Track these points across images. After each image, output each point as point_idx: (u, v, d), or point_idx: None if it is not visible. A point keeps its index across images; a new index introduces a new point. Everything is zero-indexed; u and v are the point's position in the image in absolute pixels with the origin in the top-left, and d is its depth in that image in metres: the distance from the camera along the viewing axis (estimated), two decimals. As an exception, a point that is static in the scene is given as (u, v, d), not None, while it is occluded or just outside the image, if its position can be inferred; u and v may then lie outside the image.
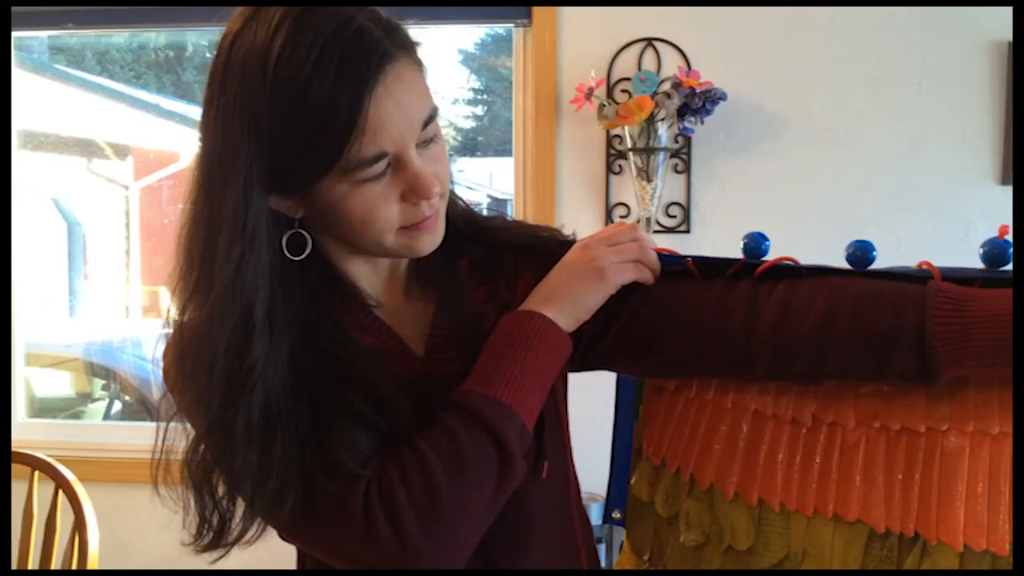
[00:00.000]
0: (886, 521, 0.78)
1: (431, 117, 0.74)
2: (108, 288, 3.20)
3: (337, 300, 0.81)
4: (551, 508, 0.87)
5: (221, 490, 0.74)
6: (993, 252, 0.74)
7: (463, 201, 0.89)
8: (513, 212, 2.16)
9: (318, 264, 0.79)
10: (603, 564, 1.83)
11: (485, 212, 0.92)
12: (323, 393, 0.73)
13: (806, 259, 0.82)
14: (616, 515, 0.98)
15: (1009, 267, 0.74)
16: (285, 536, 0.77)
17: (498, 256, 0.87)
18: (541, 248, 0.88)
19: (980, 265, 0.76)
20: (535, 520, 0.84)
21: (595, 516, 1.79)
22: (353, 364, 0.75)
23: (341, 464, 0.71)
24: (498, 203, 3.21)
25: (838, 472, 0.81)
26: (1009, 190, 1.93)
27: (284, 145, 0.69)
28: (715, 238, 2.04)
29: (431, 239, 0.78)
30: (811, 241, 1.98)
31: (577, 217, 2.08)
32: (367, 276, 0.83)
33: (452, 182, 0.82)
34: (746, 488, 0.86)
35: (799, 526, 0.83)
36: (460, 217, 0.86)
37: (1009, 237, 0.74)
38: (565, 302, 0.80)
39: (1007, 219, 2.00)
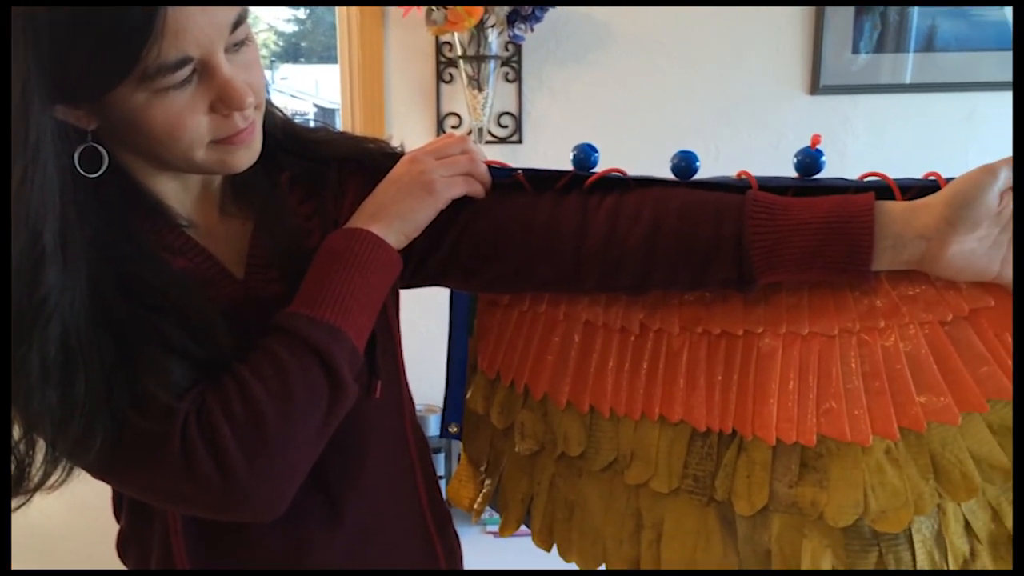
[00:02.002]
0: (707, 421, 0.82)
1: (241, 19, 0.68)
2: None
3: (142, 221, 0.73)
4: (385, 428, 0.85)
5: (17, 433, 0.67)
6: (806, 161, 0.77)
7: (281, 112, 0.82)
8: (341, 122, 2.07)
9: (118, 181, 0.71)
10: (442, 474, 1.86)
11: (312, 123, 0.87)
12: (130, 322, 0.67)
13: (634, 170, 0.83)
14: (452, 429, 0.98)
15: (819, 175, 0.78)
16: (97, 476, 0.71)
17: (322, 170, 0.83)
18: (368, 161, 0.84)
19: (793, 173, 0.79)
20: (369, 441, 0.83)
21: (435, 428, 1.80)
22: (163, 289, 0.69)
23: (153, 398, 0.65)
24: (325, 113, 3.08)
25: (664, 376, 0.84)
26: (818, 100, 2.04)
27: (69, 48, 0.61)
28: (547, 149, 2.05)
29: (247, 154, 0.73)
30: (639, 151, 2.03)
31: (408, 127, 2.02)
32: (176, 194, 0.76)
33: (268, 91, 0.75)
34: (578, 396, 0.88)
35: (628, 430, 0.86)
36: (278, 129, 0.80)
37: (821, 147, 0.77)
38: (393, 218, 0.77)
39: (816, 128, 2.11)
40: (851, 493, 0.76)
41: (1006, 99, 2.05)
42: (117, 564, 0.88)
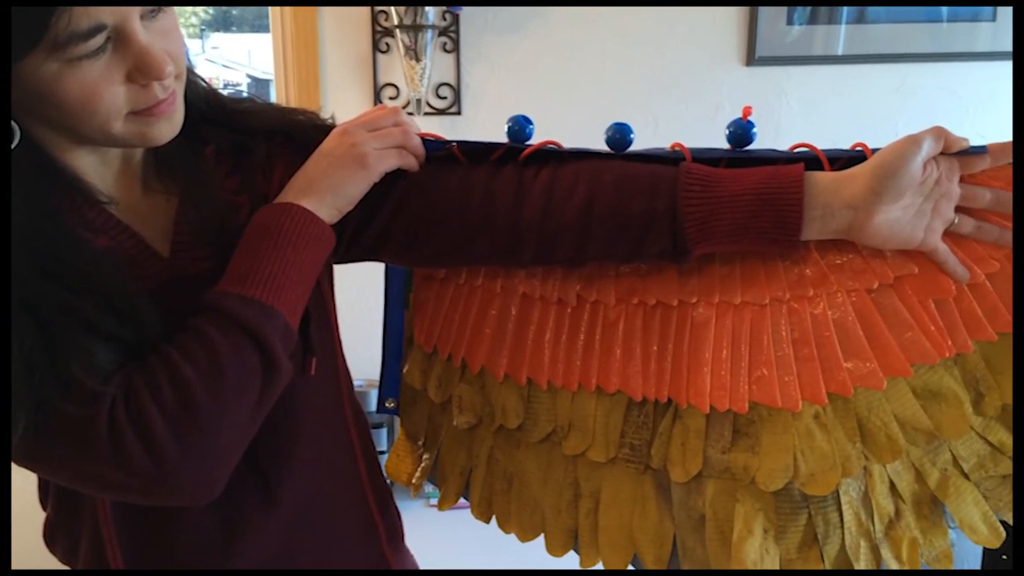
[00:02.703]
0: (643, 390, 0.83)
1: None
2: None
3: (60, 198, 0.70)
4: (322, 405, 0.84)
5: None
6: (738, 133, 0.78)
7: (204, 81, 0.79)
8: (275, 94, 2.02)
9: (32, 157, 0.68)
10: (384, 449, 1.85)
11: (246, 93, 0.84)
12: (50, 304, 0.64)
13: (574, 141, 0.82)
14: (389, 404, 0.97)
15: (751, 146, 0.79)
16: (22, 464, 0.69)
17: (249, 142, 0.80)
18: (297, 133, 0.81)
19: (726, 145, 0.79)
20: (305, 420, 0.82)
21: (375, 403, 1.79)
22: (84, 269, 0.67)
23: (78, 382, 0.63)
24: (258, 83, 2.99)
25: (600, 347, 0.85)
26: (753, 71, 2.07)
27: None
28: (487, 120, 2.03)
29: (168, 126, 0.70)
30: (579, 122, 2.03)
31: (344, 98, 1.98)
32: (95, 169, 0.73)
33: (189, 59, 0.73)
34: (515, 369, 0.88)
35: (565, 401, 0.87)
36: (202, 100, 0.78)
37: (752, 118, 0.77)
38: (325, 192, 0.75)
39: (751, 99, 2.13)
40: (782, 458, 0.78)
41: (934, 70, 2.10)
42: (44, 553, 0.85)
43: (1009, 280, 0.73)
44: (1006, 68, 2.12)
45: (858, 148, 0.74)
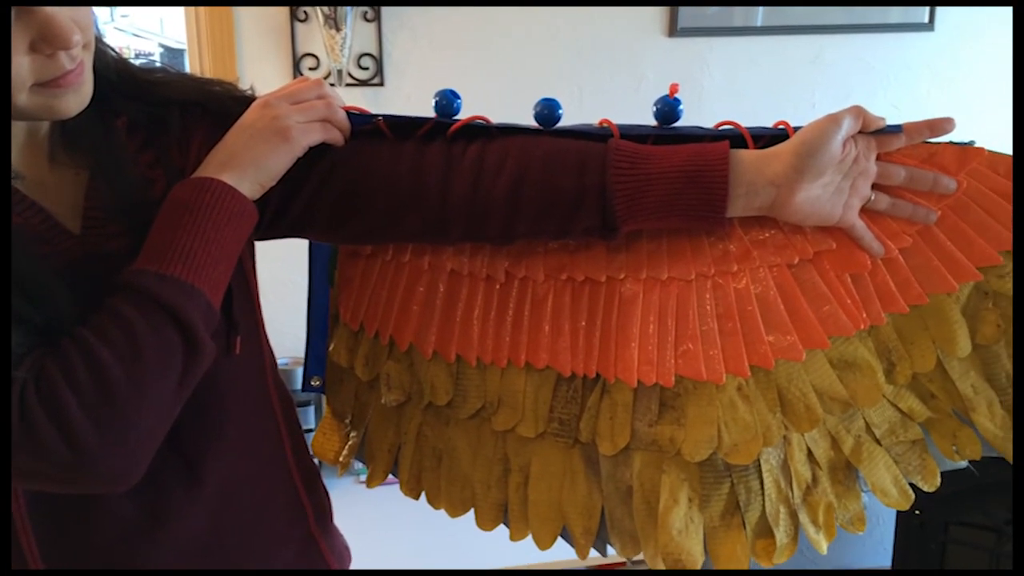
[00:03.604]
0: (572, 366, 0.83)
1: None
2: None
3: None
4: (246, 385, 0.82)
5: None
6: (664, 110, 0.79)
7: (114, 51, 0.75)
8: (189, 64, 1.94)
9: None
10: (312, 427, 1.82)
11: (158, 63, 0.80)
12: None
13: (500, 114, 0.81)
14: (315, 382, 0.95)
15: (677, 124, 0.79)
16: None
17: (163, 114, 0.77)
18: (214, 105, 0.78)
19: (653, 120, 0.80)
20: (229, 400, 0.80)
21: (300, 382, 1.76)
22: None
23: None
24: (172, 53, 2.88)
25: (529, 323, 0.85)
26: (676, 42, 2.09)
27: None
28: (411, 91, 2.00)
29: (76, 98, 0.66)
30: (503, 94, 2.02)
31: (262, 69, 1.92)
32: (-2, 142, 0.69)
33: (98, 28, 0.69)
34: (444, 346, 0.88)
35: (494, 377, 0.87)
36: (111, 70, 0.74)
37: (679, 95, 0.78)
38: (247, 166, 0.72)
39: (675, 70, 2.15)
40: (706, 429, 0.80)
41: (849, 42, 2.16)
42: None
43: (921, 254, 0.76)
44: (918, 39, 2.19)
45: (780, 126, 0.76)
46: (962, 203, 0.75)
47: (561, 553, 0.87)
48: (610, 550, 0.88)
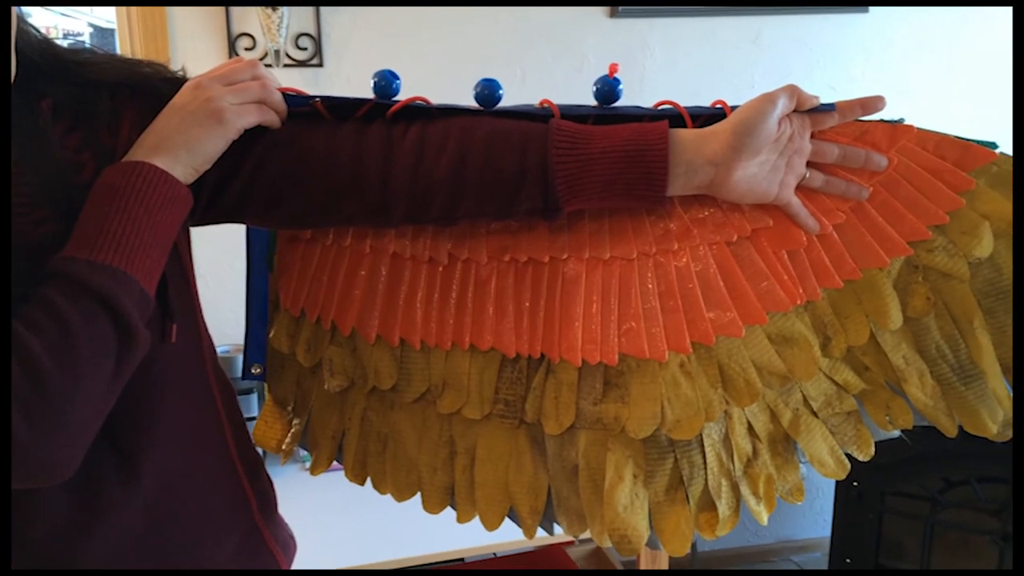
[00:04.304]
0: (516, 347, 0.84)
1: None
2: None
3: None
4: (184, 374, 0.81)
5: None
6: (604, 90, 0.79)
7: (37, 31, 0.73)
8: (119, 44, 1.88)
9: None
10: (255, 414, 1.80)
11: (88, 44, 0.77)
12: None
13: (438, 97, 0.81)
14: (256, 370, 0.94)
15: (618, 104, 0.80)
16: None
17: (90, 96, 0.74)
18: (144, 87, 0.76)
19: (594, 101, 0.80)
20: (166, 389, 0.78)
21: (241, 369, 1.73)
22: None
23: None
24: (102, 33, 2.79)
25: (473, 305, 0.85)
26: (617, 22, 2.10)
27: None
28: (351, 73, 1.97)
29: None
30: (445, 75, 2.00)
31: (195, 50, 1.87)
32: (-89, 126, 0.66)
33: (19, 7, 0.66)
34: (387, 330, 0.87)
35: (439, 360, 0.87)
36: (35, 51, 0.71)
37: (619, 75, 0.78)
38: (179, 149, 0.71)
39: (616, 51, 2.16)
40: (650, 406, 0.81)
41: (788, 22, 2.20)
42: None
43: (854, 230, 0.78)
44: (853, 20, 2.24)
45: (718, 106, 0.76)
46: (892, 179, 0.77)
47: (508, 534, 0.88)
48: (557, 529, 0.89)
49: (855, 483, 1.92)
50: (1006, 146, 0.74)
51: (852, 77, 2.30)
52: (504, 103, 0.79)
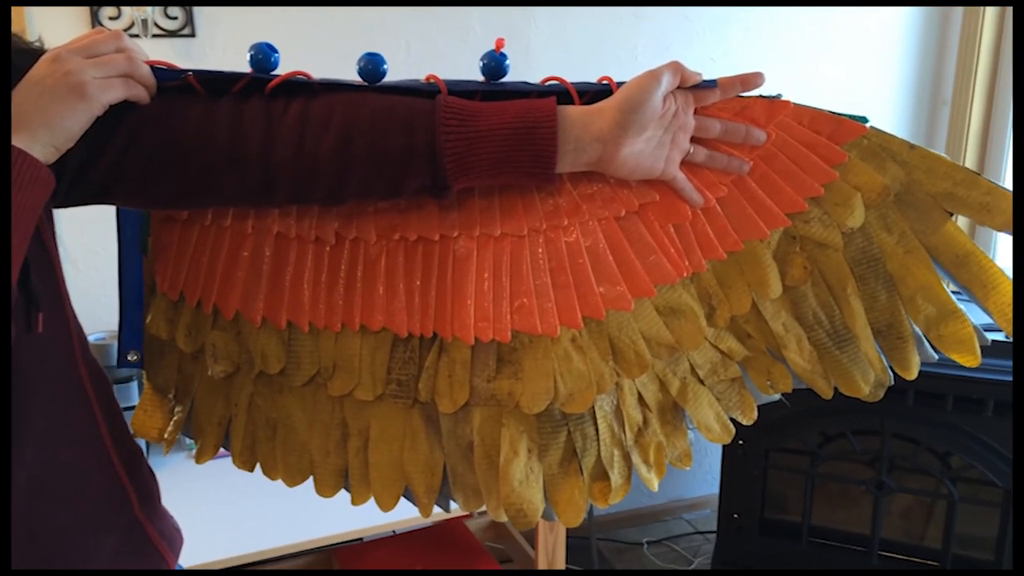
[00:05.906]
0: (408, 326, 0.83)
1: None
2: None
3: None
4: (52, 365, 0.76)
5: None
6: (491, 66, 0.78)
7: None
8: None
9: None
10: (135, 403, 1.72)
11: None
12: None
13: (319, 71, 0.78)
14: (132, 357, 0.89)
15: (505, 79, 0.79)
16: None
17: None
18: (-5, 58, 0.70)
19: (481, 77, 0.79)
20: (35, 383, 0.73)
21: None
22: None
23: None
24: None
25: (363, 285, 0.83)
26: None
27: None
28: (226, 43, 1.88)
29: None
30: (324, 50, 1.94)
31: (52, 19, 1.75)
32: None
33: None
34: (274, 312, 0.84)
35: (328, 342, 0.85)
36: None
37: (505, 51, 0.77)
38: (38, 127, 0.66)
39: (501, 22, 2.14)
40: (543, 381, 0.82)
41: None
42: None
43: (735, 203, 0.80)
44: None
45: (604, 82, 0.77)
46: (771, 153, 0.79)
47: (404, 513, 0.87)
48: (453, 505, 0.89)
49: (741, 441, 2.01)
50: (876, 120, 0.78)
51: (728, 50, 2.37)
52: (389, 76, 0.77)
